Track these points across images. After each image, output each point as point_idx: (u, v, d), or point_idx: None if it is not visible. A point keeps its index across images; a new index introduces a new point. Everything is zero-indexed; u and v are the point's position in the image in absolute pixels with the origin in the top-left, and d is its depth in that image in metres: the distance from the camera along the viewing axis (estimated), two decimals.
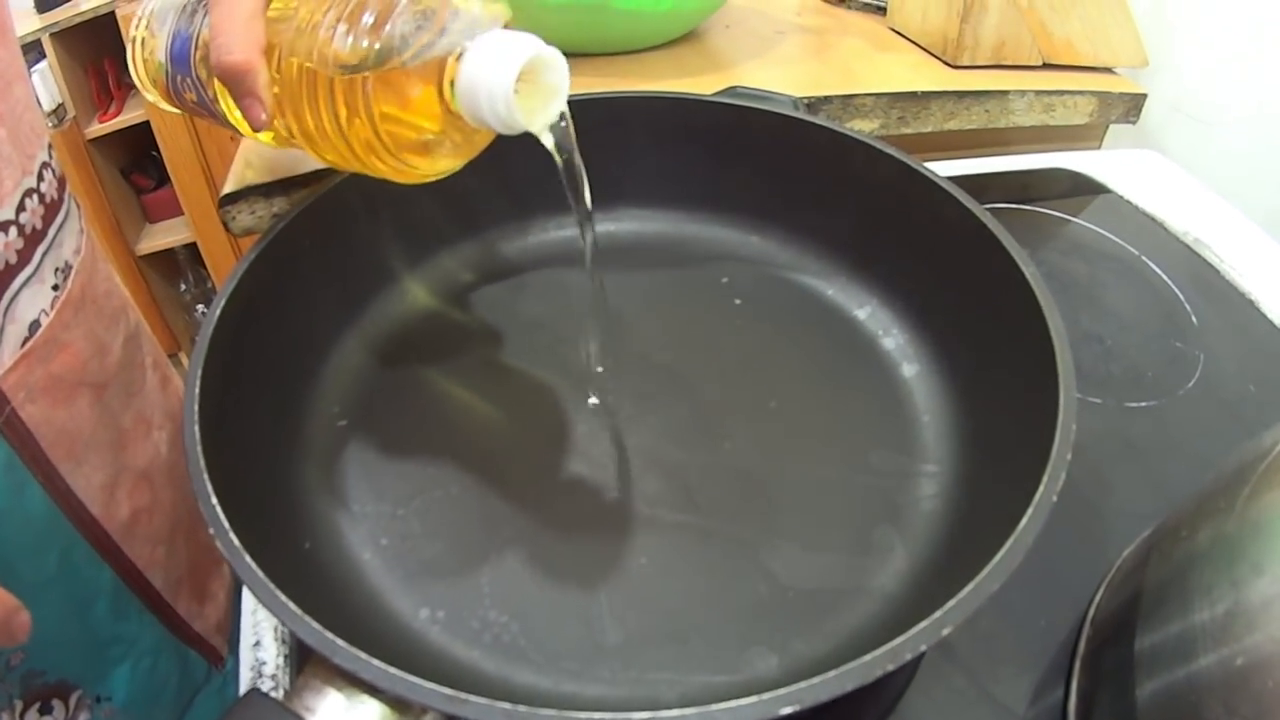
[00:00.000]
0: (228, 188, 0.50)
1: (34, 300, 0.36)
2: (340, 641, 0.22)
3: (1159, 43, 0.65)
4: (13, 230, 0.35)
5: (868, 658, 0.21)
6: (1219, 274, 0.52)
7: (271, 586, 0.24)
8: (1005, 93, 0.61)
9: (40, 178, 0.37)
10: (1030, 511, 0.25)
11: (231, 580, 0.53)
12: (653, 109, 0.43)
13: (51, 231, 0.38)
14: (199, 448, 0.27)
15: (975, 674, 0.32)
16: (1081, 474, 0.27)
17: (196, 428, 0.28)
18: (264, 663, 0.32)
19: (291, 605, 0.23)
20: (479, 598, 0.31)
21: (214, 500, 0.26)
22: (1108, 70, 0.65)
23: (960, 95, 0.60)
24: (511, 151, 0.43)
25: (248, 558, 0.24)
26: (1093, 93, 0.62)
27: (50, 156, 0.39)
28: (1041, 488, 0.26)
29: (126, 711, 0.43)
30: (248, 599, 0.35)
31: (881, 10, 0.72)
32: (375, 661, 0.22)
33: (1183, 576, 0.28)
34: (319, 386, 0.38)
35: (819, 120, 0.41)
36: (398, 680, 0.21)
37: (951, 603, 0.23)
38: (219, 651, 0.51)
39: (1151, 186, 0.59)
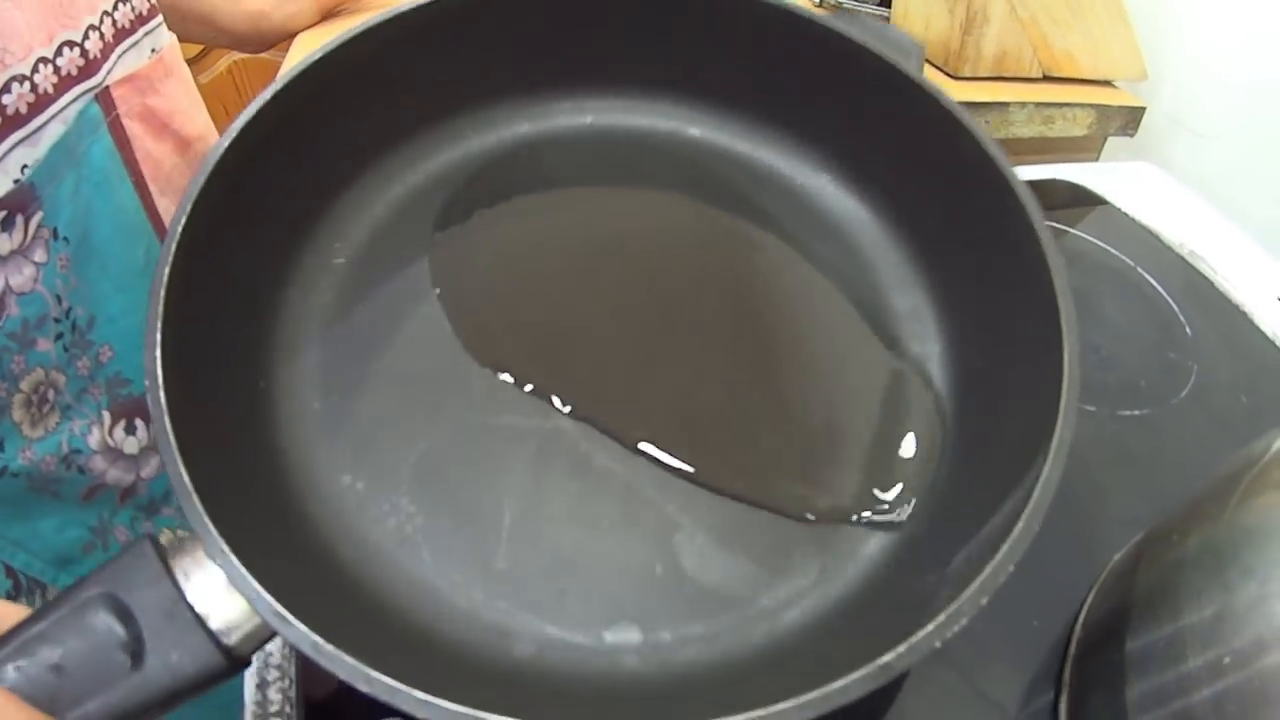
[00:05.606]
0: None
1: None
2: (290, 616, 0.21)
3: (1156, 56, 0.65)
4: None
5: (891, 657, 0.20)
6: (1213, 286, 0.52)
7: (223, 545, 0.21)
8: (1005, 104, 0.61)
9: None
10: (1029, 509, 0.23)
11: None
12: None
13: None
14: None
15: (968, 673, 0.33)
16: (1074, 479, 0.27)
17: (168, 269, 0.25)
18: (270, 654, 0.32)
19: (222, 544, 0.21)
20: (399, 481, 0.30)
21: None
22: (1107, 83, 0.66)
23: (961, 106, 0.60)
24: None
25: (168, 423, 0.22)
26: (1092, 105, 0.63)
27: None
28: (1039, 489, 0.24)
29: None
30: None
31: (884, 20, 0.73)
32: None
33: (1173, 580, 0.28)
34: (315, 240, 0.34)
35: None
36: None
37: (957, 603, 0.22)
38: None
39: (1148, 199, 0.60)
